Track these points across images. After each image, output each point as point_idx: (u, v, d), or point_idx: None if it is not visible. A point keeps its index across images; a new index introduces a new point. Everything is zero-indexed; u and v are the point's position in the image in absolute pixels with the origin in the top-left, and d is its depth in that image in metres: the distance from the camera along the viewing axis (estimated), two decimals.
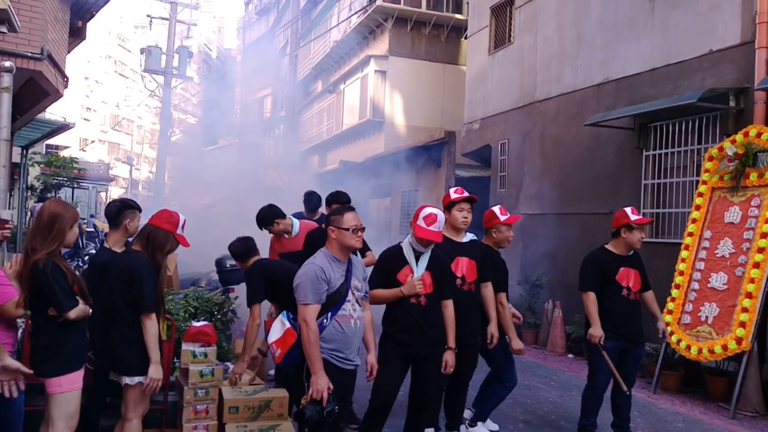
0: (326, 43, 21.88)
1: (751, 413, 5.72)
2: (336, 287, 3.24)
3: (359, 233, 3.32)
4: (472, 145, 12.35)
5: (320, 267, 3.21)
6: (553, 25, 9.96)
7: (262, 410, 3.95)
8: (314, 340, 3.11)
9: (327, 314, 3.22)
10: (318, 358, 3.11)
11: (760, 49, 6.45)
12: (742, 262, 6.03)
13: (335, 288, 3.23)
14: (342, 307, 3.26)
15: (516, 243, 10.47)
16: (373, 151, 17.05)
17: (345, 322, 3.27)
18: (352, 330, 3.30)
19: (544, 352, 8.45)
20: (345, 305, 3.28)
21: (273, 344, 3.66)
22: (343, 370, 3.26)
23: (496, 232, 4.58)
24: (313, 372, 3.10)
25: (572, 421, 5.29)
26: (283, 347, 3.54)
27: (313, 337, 3.11)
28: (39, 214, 3.12)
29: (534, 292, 9.17)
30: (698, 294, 6.36)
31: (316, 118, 23.42)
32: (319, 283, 3.17)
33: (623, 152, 8.35)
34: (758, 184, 6.16)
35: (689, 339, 6.16)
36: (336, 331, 3.24)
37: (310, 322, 3.12)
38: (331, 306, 3.23)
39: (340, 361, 3.25)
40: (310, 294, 3.15)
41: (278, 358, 3.63)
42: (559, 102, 9.72)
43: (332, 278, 3.23)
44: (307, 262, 3.31)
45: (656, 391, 6.45)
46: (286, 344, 3.53)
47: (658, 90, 7.79)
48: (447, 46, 17.41)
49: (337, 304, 3.24)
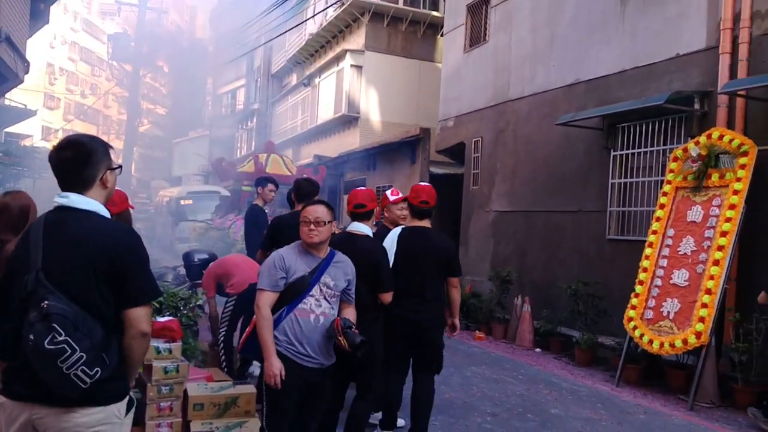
0: (302, 35, 21.78)
1: (708, 404, 5.95)
2: (295, 278, 3.20)
3: (312, 227, 3.23)
4: (446, 143, 12.47)
5: (281, 255, 3.26)
6: (527, 25, 10.12)
7: (229, 407, 3.91)
8: (266, 326, 3.14)
9: (285, 306, 3.21)
10: (270, 344, 3.12)
11: (723, 54, 6.68)
12: (703, 259, 6.26)
13: (294, 279, 3.20)
14: (303, 301, 3.21)
15: (487, 239, 10.65)
16: (347, 146, 17.06)
17: (303, 316, 3.21)
18: (310, 326, 3.22)
19: (513, 346, 8.63)
20: (307, 299, 3.22)
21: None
22: (302, 366, 3.20)
23: (388, 211, 4.75)
24: (265, 357, 3.13)
25: (539, 414, 5.45)
26: (246, 333, 3.47)
27: (264, 322, 3.14)
28: (6, 207, 3.08)
29: (504, 287, 9.34)
30: (661, 290, 6.57)
31: (290, 112, 23.31)
32: (276, 271, 3.20)
33: (592, 152, 8.55)
34: (719, 184, 6.39)
35: (651, 333, 6.37)
36: (292, 324, 3.20)
37: (262, 307, 3.17)
38: (291, 298, 3.20)
39: (297, 356, 3.19)
40: (264, 279, 3.22)
41: (239, 346, 3.67)
42: (532, 101, 9.89)
43: (292, 268, 3.21)
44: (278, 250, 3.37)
45: (619, 384, 6.65)
46: (247, 332, 3.45)
47: (627, 92, 8.00)
48: (423, 42, 17.50)
49: (297, 297, 3.21)
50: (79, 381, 1.89)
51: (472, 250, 11.06)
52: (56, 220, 2.07)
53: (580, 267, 8.42)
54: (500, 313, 9.39)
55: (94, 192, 2.11)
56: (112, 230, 2.09)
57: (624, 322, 6.72)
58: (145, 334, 2.08)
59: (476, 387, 6.24)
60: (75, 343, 1.87)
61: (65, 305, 1.90)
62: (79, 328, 1.90)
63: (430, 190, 4.27)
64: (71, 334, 1.87)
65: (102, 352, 1.95)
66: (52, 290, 1.92)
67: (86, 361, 1.89)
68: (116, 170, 2.20)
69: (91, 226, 2.05)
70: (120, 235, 2.10)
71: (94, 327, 1.95)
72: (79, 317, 1.92)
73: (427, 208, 4.23)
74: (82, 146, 2.09)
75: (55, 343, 1.85)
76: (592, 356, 7.60)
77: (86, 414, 1.99)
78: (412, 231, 4.20)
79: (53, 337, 1.85)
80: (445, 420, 5.08)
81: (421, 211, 4.24)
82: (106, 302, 2.01)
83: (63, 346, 1.86)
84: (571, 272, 8.42)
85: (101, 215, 2.10)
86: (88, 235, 2.03)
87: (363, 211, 3.93)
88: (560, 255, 8.97)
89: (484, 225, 10.79)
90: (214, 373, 4.68)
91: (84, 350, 1.88)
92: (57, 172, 2.09)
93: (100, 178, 2.12)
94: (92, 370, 1.91)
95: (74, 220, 2.05)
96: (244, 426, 3.86)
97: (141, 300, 2.08)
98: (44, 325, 1.86)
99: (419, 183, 4.46)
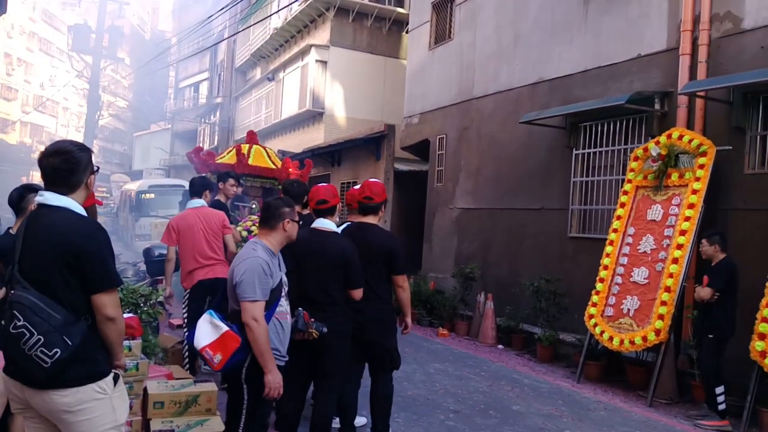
0: (266, 29, 21.49)
1: (666, 400, 6.05)
2: (277, 282, 3.16)
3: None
4: (411, 139, 12.45)
5: (264, 261, 3.10)
6: (492, 23, 10.14)
7: (189, 405, 3.82)
8: (267, 338, 3.02)
9: (266, 312, 3.10)
10: (271, 356, 3.04)
11: (683, 55, 6.79)
12: (663, 257, 6.35)
13: (276, 283, 3.15)
14: (280, 303, 3.19)
15: (451, 236, 10.67)
16: (312, 142, 16.91)
17: (283, 318, 3.21)
18: (288, 326, 3.25)
19: (476, 343, 8.65)
20: (282, 301, 3.22)
21: (207, 349, 3.10)
22: (280, 368, 3.18)
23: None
24: (269, 370, 3.02)
25: (501, 411, 5.45)
26: (224, 352, 3.07)
27: (266, 334, 3.01)
28: None
29: (467, 284, 9.36)
30: (621, 288, 6.65)
31: (254, 106, 22.99)
32: (267, 278, 3.07)
33: (555, 150, 8.62)
34: (679, 183, 6.50)
35: (612, 330, 6.45)
36: (276, 329, 3.16)
37: (261, 319, 3.00)
38: (272, 302, 3.13)
39: (280, 359, 3.19)
40: (258, 290, 3.02)
41: (219, 364, 3.10)
42: (496, 100, 9.93)
43: (274, 272, 3.15)
44: (247, 255, 3.14)
45: (580, 380, 6.72)
46: (227, 349, 3.07)
47: (589, 91, 8.08)
48: (389, 39, 17.45)
49: (276, 300, 3.16)
50: (40, 361, 2.13)
51: (436, 247, 11.06)
52: (33, 217, 2.31)
53: (542, 264, 8.48)
54: (463, 310, 9.42)
55: (78, 194, 2.35)
56: (76, 223, 2.27)
57: (585, 319, 6.79)
58: (111, 318, 2.28)
59: (439, 384, 6.22)
60: (33, 327, 2.12)
61: (27, 293, 2.15)
62: (37, 313, 2.13)
63: (375, 186, 4.13)
64: (29, 319, 2.12)
65: (63, 334, 2.15)
66: (20, 280, 2.19)
67: (44, 342, 2.12)
68: (96, 172, 2.44)
69: (59, 220, 2.25)
70: (83, 227, 2.28)
71: (55, 312, 2.16)
72: (39, 304, 2.15)
73: (372, 204, 4.07)
74: (69, 155, 2.30)
75: (16, 327, 2.13)
76: (553, 353, 7.67)
77: (64, 395, 2.21)
78: (355, 227, 4.11)
79: (15, 322, 2.13)
80: (408, 417, 5.04)
81: (366, 207, 4.10)
82: (71, 289, 2.21)
83: (22, 330, 2.13)
84: (533, 269, 8.48)
85: (71, 210, 2.29)
86: (55, 228, 2.24)
87: (326, 207, 3.85)
88: (523, 252, 9.03)
89: (448, 222, 10.80)
90: (175, 371, 4.57)
91: (41, 333, 2.12)
92: (45, 175, 2.31)
93: (85, 182, 2.37)
94: (51, 350, 2.13)
95: (45, 215, 2.27)
96: (205, 424, 3.77)
97: (102, 287, 2.26)
98: (9, 312, 2.16)
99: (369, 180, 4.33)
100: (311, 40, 17.86)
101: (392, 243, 4.10)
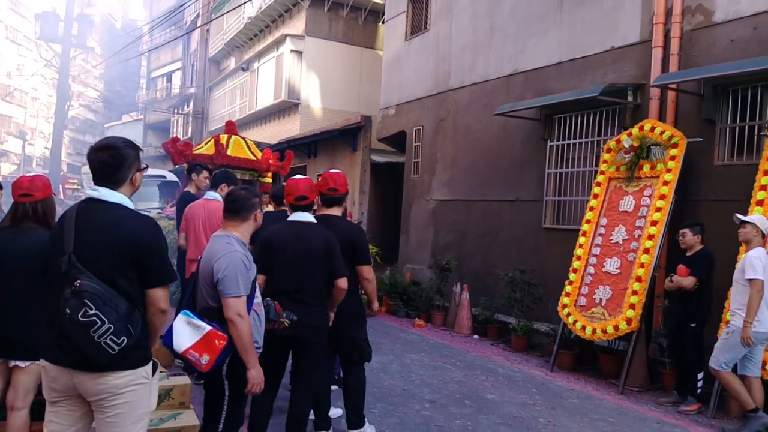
0: (240, 18, 21.21)
1: (637, 388, 6.16)
2: (255, 274, 3.14)
3: None
4: (387, 131, 12.42)
5: (243, 254, 3.06)
6: (468, 14, 10.14)
7: (162, 399, 3.80)
8: (251, 333, 2.99)
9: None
10: (255, 351, 3.02)
11: (656, 48, 6.87)
12: (634, 248, 6.45)
13: (254, 275, 3.13)
14: (256, 294, 3.17)
15: (427, 228, 10.69)
16: (287, 133, 16.79)
17: (259, 309, 3.19)
18: (263, 317, 3.24)
19: (452, 333, 8.70)
20: (257, 292, 3.20)
21: (191, 351, 2.96)
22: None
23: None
24: (252, 366, 3.00)
25: (476, 400, 5.49)
26: (211, 352, 2.96)
27: (250, 329, 2.98)
28: None
29: (443, 275, 9.40)
30: (593, 278, 6.74)
31: (228, 97, 22.72)
32: (248, 272, 3.03)
33: (529, 142, 8.67)
34: (651, 175, 6.59)
35: (584, 320, 6.53)
36: (255, 321, 3.12)
37: (245, 314, 2.96)
38: (250, 295, 3.09)
39: (258, 350, 3.16)
40: (241, 285, 2.97)
41: (207, 365, 2.97)
42: (472, 91, 9.95)
43: (251, 265, 3.11)
44: (225, 250, 3.05)
45: (553, 369, 6.80)
46: (214, 348, 2.96)
47: (564, 83, 8.14)
48: (365, 29, 17.36)
49: (253, 292, 3.13)
50: (108, 348, 2.21)
51: (412, 239, 11.08)
52: (87, 209, 2.37)
53: (517, 255, 8.55)
54: (440, 301, 9.46)
55: (124, 188, 2.41)
56: (136, 220, 2.37)
57: (558, 309, 6.87)
58: (164, 311, 2.41)
59: (415, 374, 6.24)
60: (104, 315, 2.19)
61: (95, 284, 2.21)
62: (106, 303, 2.21)
63: (339, 178, 4.10)
64: (100, 308, 2.19)
65: (128, 323, 2.25)
66: (83, 270, 2.23)
67: (114, 330, 2.20)
68: (144, 170, 2.49)
69: (119, 216, 2.34)
70: (143, 224, 2.39)
71: (120, 302, 2.25)
72: (107, 294, 2.22)
73: (336, 195, 4.04)
74: (116, 150, 2.38)
75: (87, 316, 2.18)
76: (527, 342, 7.75)
77: (118, 377, 2.30)
78: (319, 219, 4.09)
79: (85, 311, 2.18)
80: (383, 407, 5.05)
81: (330, 199, 4.07)
82: (130, 281, 2.31)
83: (93, 318, 2.18)
84: (508, 260, 8.54)
85: (127, 207, 2.39)
86: (115, 223, 2.32)
87: (305, 203, 3.79)
88: (498, 243, 9.10)
89: (425, 213, 10.82)
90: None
91: (112, 322, 2.20)
92: (93, 169, 2.38)
93: (130, 178, 2.42)
94: (119, 338, 2.22)
95: (103, 210, 2.34)
96: (179, 418, 3.78)
97: (159, 282, 2.38)
98: (77, 300, 2.18)
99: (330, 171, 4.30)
100: (286, 29, 17.68)
101: (355, 234, 4.06)
